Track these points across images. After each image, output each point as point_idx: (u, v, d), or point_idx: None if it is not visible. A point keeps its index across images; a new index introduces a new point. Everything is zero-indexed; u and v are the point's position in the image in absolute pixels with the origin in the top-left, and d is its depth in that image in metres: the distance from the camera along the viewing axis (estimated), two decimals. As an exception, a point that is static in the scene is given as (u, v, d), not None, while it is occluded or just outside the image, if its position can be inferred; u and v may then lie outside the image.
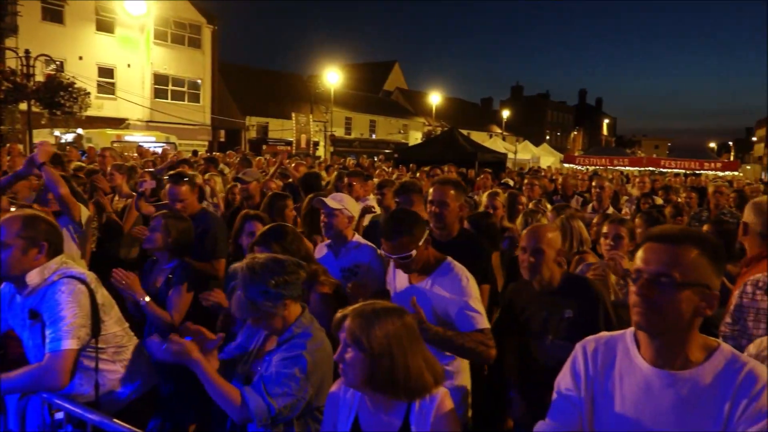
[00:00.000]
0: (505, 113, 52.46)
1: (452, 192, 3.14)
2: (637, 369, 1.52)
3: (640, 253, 1.50)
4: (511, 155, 27.81)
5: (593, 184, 6.34)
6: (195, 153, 17.28)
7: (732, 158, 62.90)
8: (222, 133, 32.31)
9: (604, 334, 1.67)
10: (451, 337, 2.45)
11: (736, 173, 28.24)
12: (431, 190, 3.23)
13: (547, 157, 32.88)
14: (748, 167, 47.61)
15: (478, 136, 34.23)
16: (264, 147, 27.20)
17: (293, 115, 31.36)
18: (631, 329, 1.57)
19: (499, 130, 51.04)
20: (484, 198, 4.97)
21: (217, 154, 15.94)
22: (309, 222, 4.06)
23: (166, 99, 29.45)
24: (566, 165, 29.60)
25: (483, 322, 2.56)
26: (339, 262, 3.31)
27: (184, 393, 3.08)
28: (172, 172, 4.27)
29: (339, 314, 1.81)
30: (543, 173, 14.31)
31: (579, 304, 2.65)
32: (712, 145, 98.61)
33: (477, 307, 2.57)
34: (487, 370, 3.15)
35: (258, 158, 13.12)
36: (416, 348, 1.82)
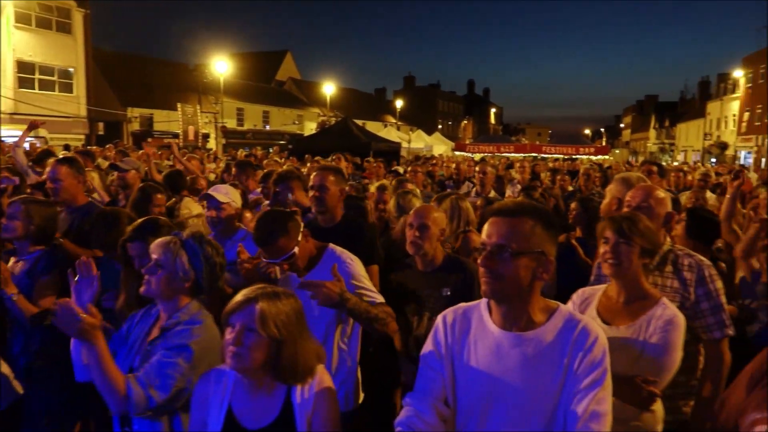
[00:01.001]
0: (399, 103, 53.37)
1: (332, 177, 3.17)
2: (489, 333, 1.66)
3: (484, 228, 1.64)
4: (405, 144, 28.39)
5: (476, 170, 6.73)
6: (67, 147, 15.84)
7: (604, 143, 68.67)
8: (101, 125, 29.86)
9: (462, 305, 1.79)
10: (367, 307, 2.50)
11: (607, 157, 30.92)
12: (312, 176, 3.25)
13: (439, 146, 33.98)
14: (617, 151, 52.30)
15: (372, 126, 34.55)
16: (149, 140, 25.61)
17: (179, 106, 29.80)
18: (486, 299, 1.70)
19: (393, 120, 51.86)
20: (372, 188, 5.08)
21: (95, 148, 14.79)
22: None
23: (33, 89, 26.69)
24: (457, 153, 30.81)
25: (379, 297, 2.65)
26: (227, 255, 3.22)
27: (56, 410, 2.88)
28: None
29: (240, 297, 1.76)
30: (434, 161, 14.80)
31: (456, 282, 2.82)
32: (587, 131, 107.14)
33: (367, 285, 2.65)
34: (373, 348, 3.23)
35: (139, 152, 12.33)
36: (307, 332, 1.85)
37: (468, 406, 1.65)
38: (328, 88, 43.89)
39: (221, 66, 31.33)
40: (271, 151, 23.85)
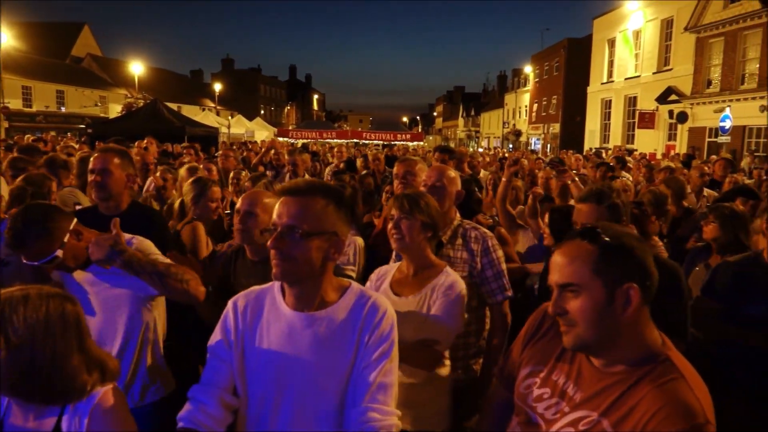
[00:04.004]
0: (217, 86, 50.94)
1: (116, 160, 2.85)
2: (281, 315, 1.62)
3: (275, 208, 1.58)
4: (224, 129, 27.23)
5: (288, 161, 6.72)
6: None
7: (419, 130, 73.18)
8: None
9: (254, 288, 1.73)
10: (155, 261, 2.15)
11: (421, 143, 33.08)
12: (92, 158, 2.88)
13: (261, 131, 33.16)
14: (431, 138, 56.20)
15: (189, 110, 32.59)
16: None
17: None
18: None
19: (212, 104, 49.37)
20: (182, 171, 4.82)
21: None
22: None
23: None
24: (280, 139, 30.41)
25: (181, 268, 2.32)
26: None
27: None
28: None
29: None
30: (251, 147, 14.47)
31: None
32: (405, 119, 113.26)
33: (162, 258, 2.32)
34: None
35: None
36: (73, 341, 1.54)
37: (261, 392, 1.60)
38: (136, 68, 40.04)
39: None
40: (69, 135, 21.17)
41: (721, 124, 17.40)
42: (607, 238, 1.38)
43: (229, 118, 34.37)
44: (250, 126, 33.95)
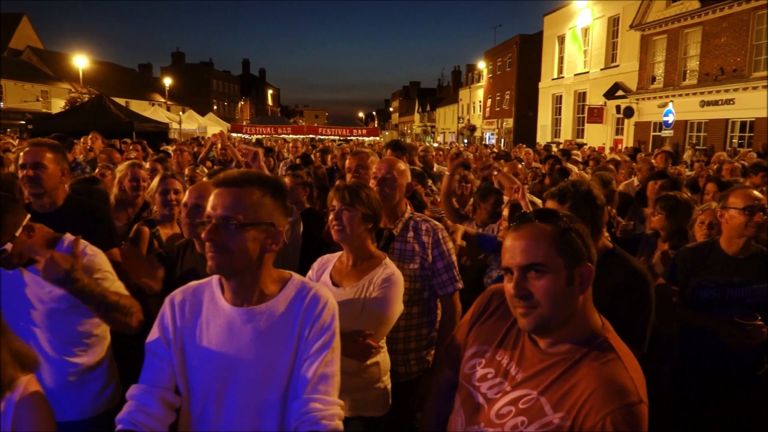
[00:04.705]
0: (167, 81, 49.54)
1: (49, 154, 2.72)
2: (221, 311, 1.58)
3: (209, 200, 1.54)
4: (175, 125, 26.55)
5: (242, 153, 6.59)
6: None
7: (376, 125, 73.30)
8: None
9: (192, 283, 1.69)
10: (105, 291, 2.04)
11: (377, 138, 33.11)
12: (22, 153, 2.74)
13: (214, 127, 32.41)
14: (387, 133, 56.36)
15: (138, 105, 31.58)
16: None
17: None
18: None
19: (162, 99, 48.02)
20: (122, 167, 4.64)
21: None
22: None
23: None
24: (234, 134, 29.85)
25: (125, 292, 2.22)
26: None
27: None
28: None
29: None
30: (203, 143, 14.13)
31: None
32: (361, 114, 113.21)
33: (112, 279, 2.22)
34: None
35: None
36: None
37: (203, 389, 1.56)
38: (80, 61, 38.43)
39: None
40: (9, 131, 20.21)
41: (665, 118, 18.12)
42: (564, 220, 1.41)
43: (181, 113, 33.52)
44: (202, 122, 33.22)
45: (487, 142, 41.60)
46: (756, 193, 2.87)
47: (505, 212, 3.76)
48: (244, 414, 1.54)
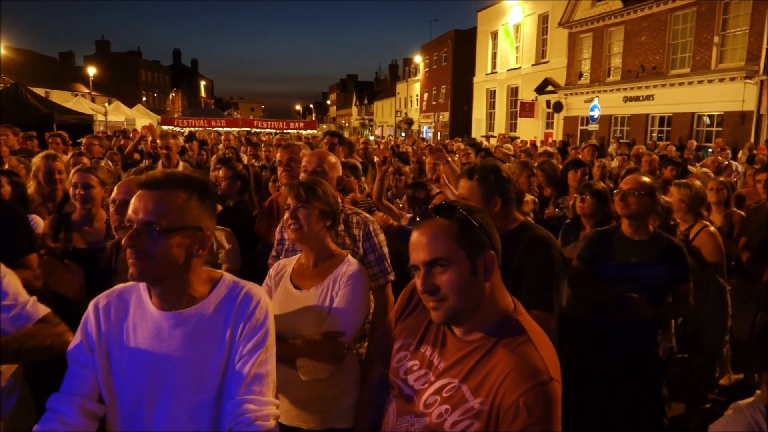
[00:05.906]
0: (92, 71, 46.92)
1: None
2: (149, 316, 1.52)
3: (131, 203, 1.46)
4: (100, 117, 25.24)
5: (158, 144, 6.38)
6: None
7: (313, 118, 72.65)
8: None
9: (119, 286, 1.61)
10: (21, 342, 1.77)
11: (315, 131, 32.76)
12: None
13: (143, 119, 31.05)
14: (325, 126, 56.08)
15: (59, 96, 29.83)
16: None
17: None
18: None
19: (86, 90, 45.51)
20: (37, 159, 4.40)
21: None
22: None
23: None
24: (165, 127, 28.74)
25: (42, 310, 1.92)
26: None
27: None
28: None
29: None
30: (131, 135, 13.54)
31: None
32: (298, 107, 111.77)
33: (22, 301, 1.88)
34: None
35: None
36: None
37: (133, 396, 1.49)
38: (-6, 48, 35.91)
39: None
40: None
41: (591, 113, 18.90)
42: (462, 212, 1.44)
43: (106, 104, 31.88)
44: (130, 114, 31.72)
45: (424, 136, 42.08)
46: (643, 179, 3.07)
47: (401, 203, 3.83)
48: (177, 418, 1.48)
